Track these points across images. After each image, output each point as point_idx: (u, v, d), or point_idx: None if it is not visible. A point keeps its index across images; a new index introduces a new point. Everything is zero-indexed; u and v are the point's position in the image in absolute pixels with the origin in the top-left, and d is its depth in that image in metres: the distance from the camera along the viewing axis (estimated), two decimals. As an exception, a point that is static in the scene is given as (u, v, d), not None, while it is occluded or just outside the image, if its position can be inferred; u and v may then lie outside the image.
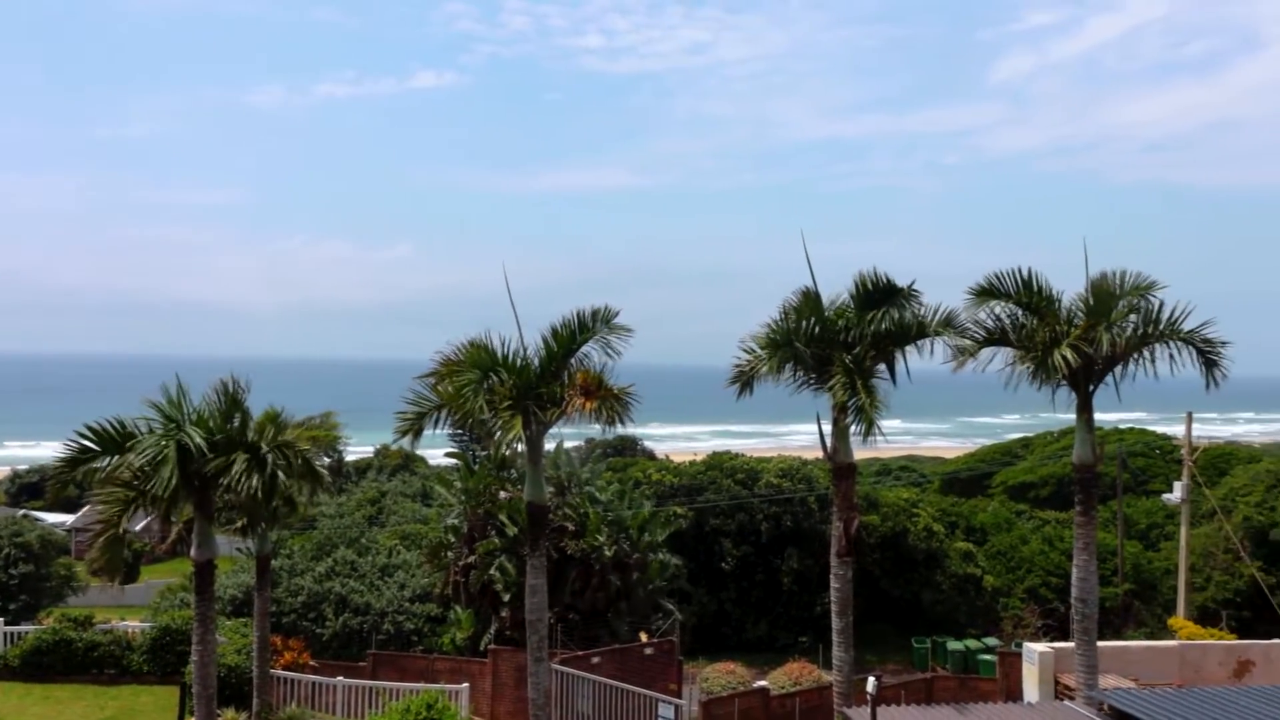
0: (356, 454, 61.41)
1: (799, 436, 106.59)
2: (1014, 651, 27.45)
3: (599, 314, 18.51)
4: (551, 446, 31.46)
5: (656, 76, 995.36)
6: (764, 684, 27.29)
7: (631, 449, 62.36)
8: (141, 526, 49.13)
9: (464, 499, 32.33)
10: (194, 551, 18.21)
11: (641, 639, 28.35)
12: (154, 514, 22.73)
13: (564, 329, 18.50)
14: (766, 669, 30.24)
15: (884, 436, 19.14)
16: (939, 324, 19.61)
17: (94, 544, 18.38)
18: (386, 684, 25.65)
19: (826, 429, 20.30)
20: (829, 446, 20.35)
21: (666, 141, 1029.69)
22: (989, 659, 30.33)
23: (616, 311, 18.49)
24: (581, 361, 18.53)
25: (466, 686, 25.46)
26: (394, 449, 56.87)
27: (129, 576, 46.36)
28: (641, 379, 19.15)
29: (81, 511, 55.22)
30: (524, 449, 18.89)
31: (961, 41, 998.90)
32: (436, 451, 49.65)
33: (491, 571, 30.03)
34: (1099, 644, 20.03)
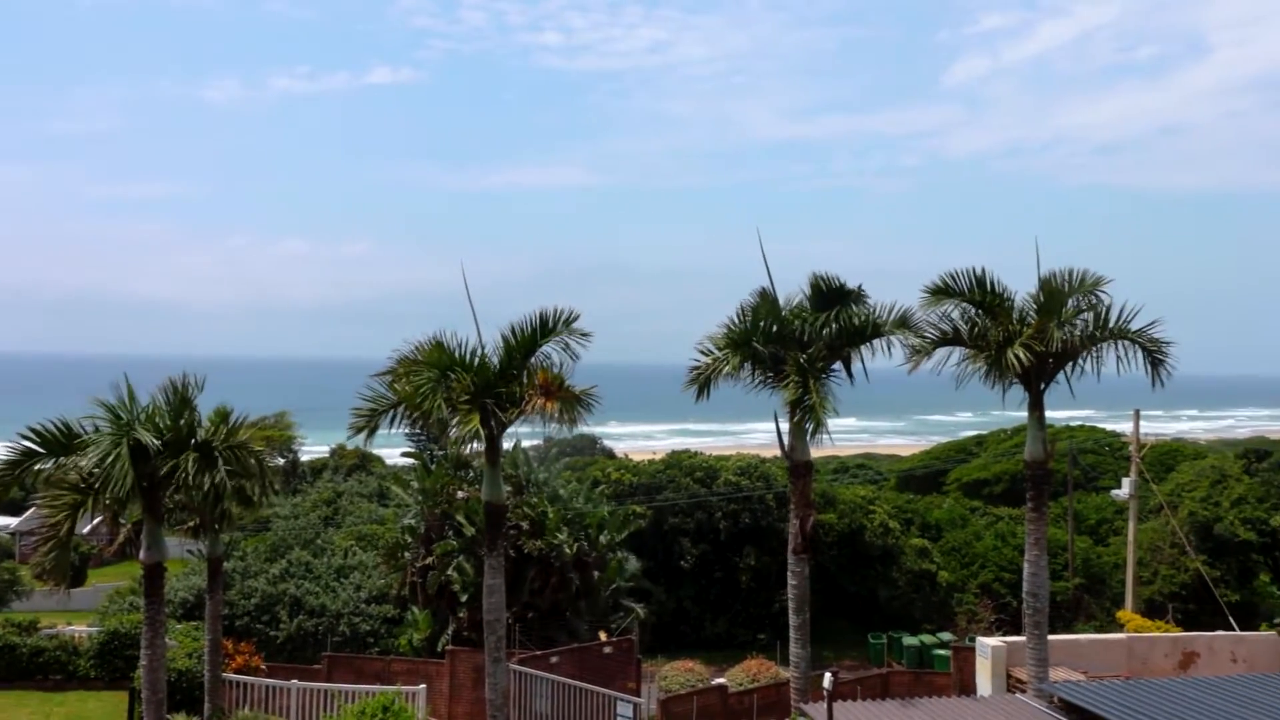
0: (312, 454, 60.62)
1: (757, 435, 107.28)
2: (967, 646, 27.84)
3: (561, 315, 18.46)
4: (509, 446, 31.34)
5: (615, 75, 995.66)
6: (722, 681, 27.41)
7: (590, 448, 62.29)
8: (89, 529, 48.08)
9: (421, 499, 32.08)
10: (143, 554, 17.86)
11: (600, 638, 28.33)
12: (102, 516, 22.30)
13: (524, 329, 18.41)
14: (725, 666, 30.39)
15: (830, 436, 19.40)
16: (894, 324, 19.85)
17: (39, 549, 17.93)
18: (342, 686, 25.35)
19: (784, 427, 20.45)
20: (786, 445, 20.50)
21: (625, 140, 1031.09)
22: (943, 654, 30.73)
23: (579, 314, 18.48)
24: (542, 361, 18.47)
25: (424, 688, 25.25)
26: (350, 449, 56.22)
27: (76, 580, 45.32)
28: (600, 378, 19.13)
29: (26, 514, 53.89)
30: (482, 448, 18.81)
31: (919, 44, 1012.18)
32: (393, 451, 49.20)
33: (449, 572, 29.83)
34: (1050, 637, 20.40)
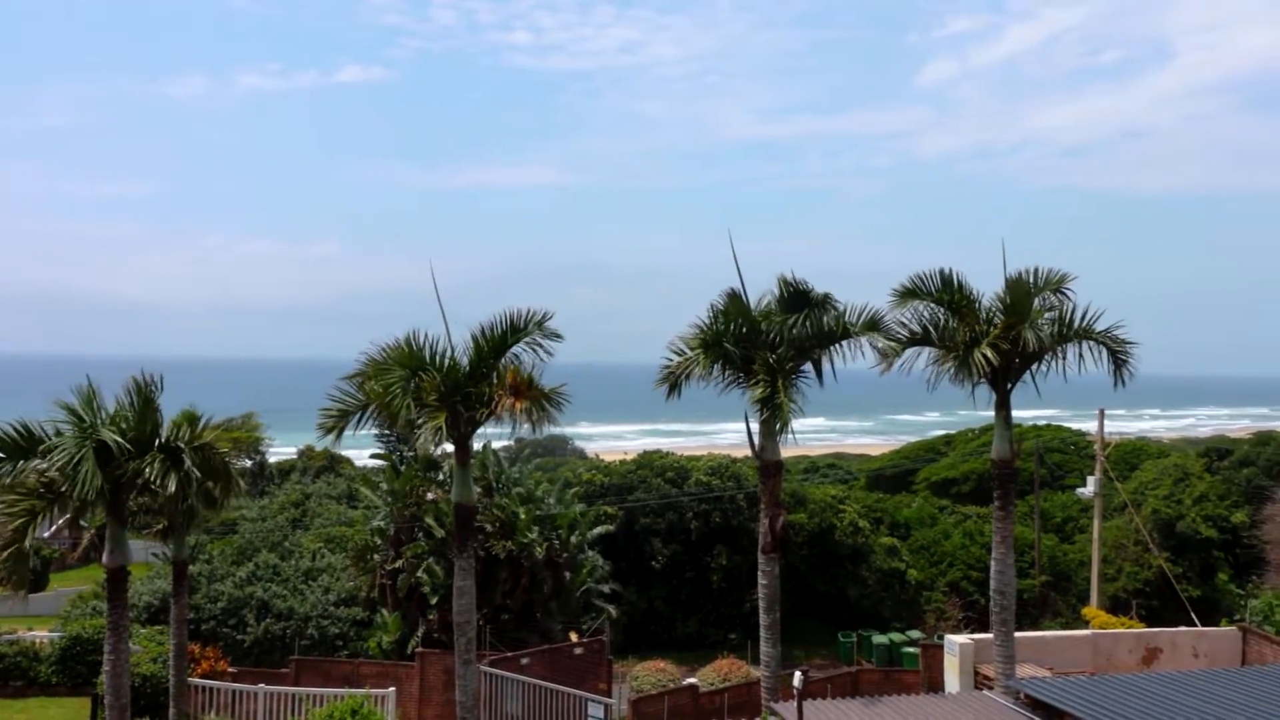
0: (279, 455, 59.99)
1: (728, 435, 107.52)
2: (936, 644, 28.09)
3: (531, 315, 18.42)
4: (479, 447, 31.21)
5: (586, 75, 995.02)
6: (693, 681, 27.48)
7: (562, 448, 62.19)
8: (51, 532, 47.27)
9: (390, 501, 31.85)
10: (106, 557, 17.57)
11: (571, 639, 28.29)
12: (64, 520, 21.92)
13: (495, 329, 18.35)
14: (696, 666, 30.46)
15: (795, 435, 19.55)
16: (863, 326, 20.01)
17: (-2, 553, 17.60)
18: (310, 690, 25.11)
19: (754, 427, 20.53)
20: (756, 444, 20.58)
21: (596, 140, 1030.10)
22: (912, 651, 30.98)
23: (550, 314, 18.46)
24: (512, 361, 18.41)
25: (393, 691, 25.08)
26: (319, 450, 55.71)
27: (37, 585, 44.52)
28: (571, 378, 19.11)
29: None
30: (452, 449, 18.73)
31: (889, 46, 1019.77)
32: (362, 453, 48.77)
33: (419, 574, 29.65)
34: (1017, 634, 20.63)
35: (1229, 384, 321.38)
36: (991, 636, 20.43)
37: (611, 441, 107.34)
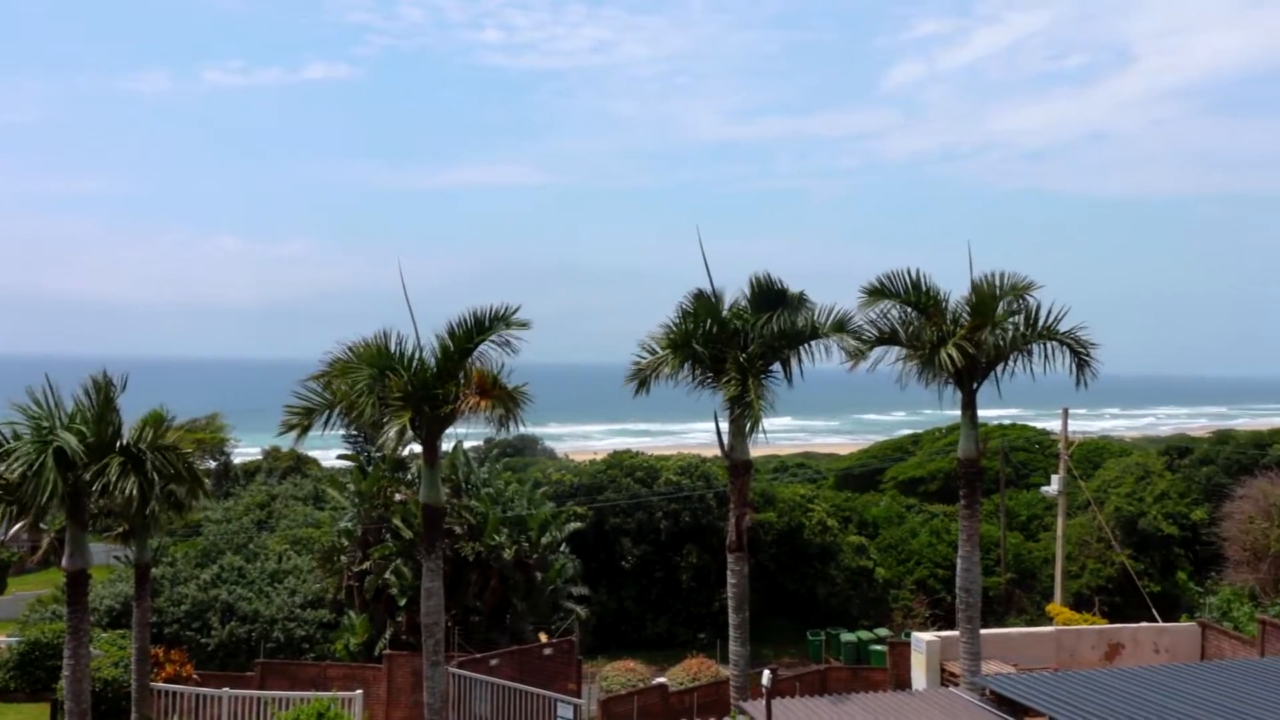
0: (245, 456, 59.24)
1: (697, 434, 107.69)
2: (903, 641, 28.32)
3: (498, 313, 18.32)
4: (449, 447, 31.04)
5: (559, 74, 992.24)
6: (663, 681, 27.51)
7: (531, 449, 61.97)
8: (10, 535, 46.38)
9: (358, 502, 31.61)
10: (66, 561, 17.28)
11: (541, 639, 28.22)
12: (23, 523, 21.50)
13: (461, 328, 18.25)
14: (666, 666, 30.49)
15: (766, 435, 19.64)
16: (831, 326, 20.15)
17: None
18: (275, 694, 24.87)
19: (724, 426, 20.60)
20: (726, 444, 20.65)
21: (569, 140, 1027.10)
22: (880, 649, 31.21)
23: (516, 309, 18.33)
24: (480, 360, 18.32)
25: (360, 693, 24.89)
26: (285, 451, 55.11)
27: (-5, 589, 43.69)
28: (543, 378, 19.08)
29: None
30: (420, 449, 18.61)
31: (858, 48, 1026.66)
32: (329, 453, 48.35)
33: (387, 575, 29.44)
34: (982, 631, 20.86)
35: (1188, 384, 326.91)
36: (958, 634, 20.64)
37: (581, 441, 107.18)
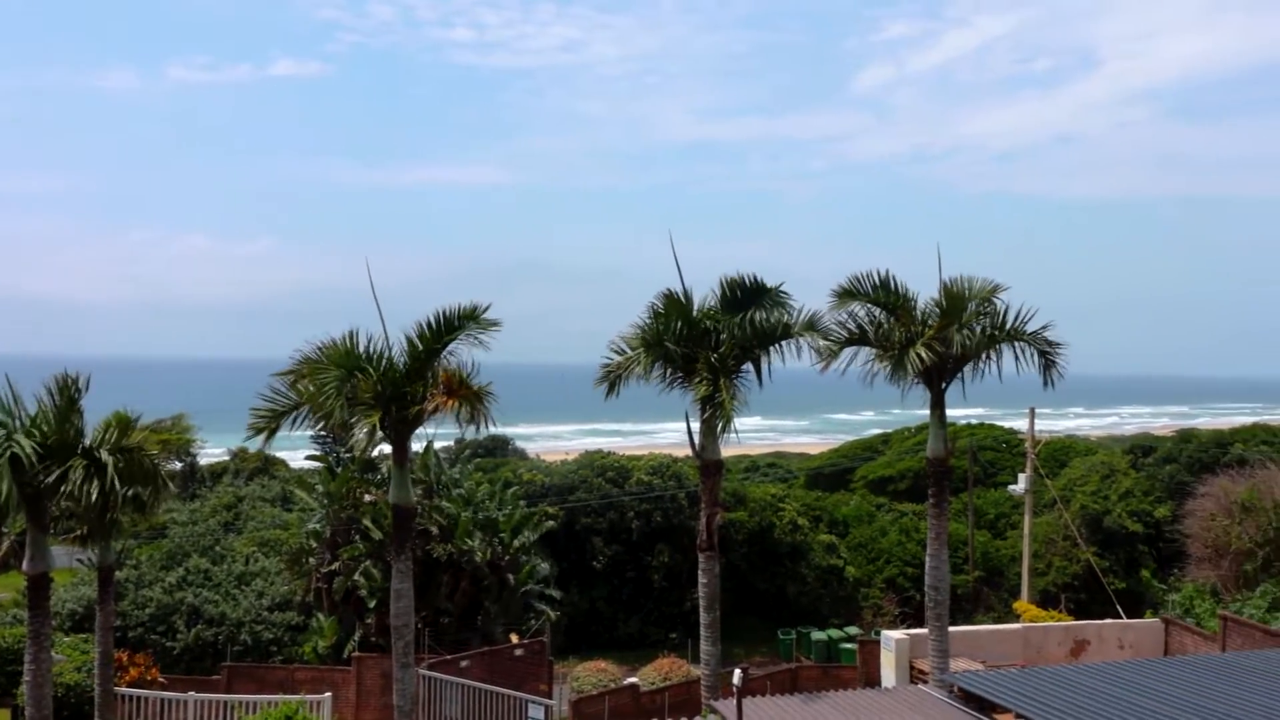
0: (211, 457, 58.56)
1: (669, 434, 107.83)
2: (873, 639, 28.52)
3: (467, 311, 18.22)
4: (420, 448, 30.87)
5: (528, 73, 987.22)
6: (634, 680, 27.52)
7: (503, 449, 61.66)
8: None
9: (326, 503, 31.34)
10: (26, 564, 16.96)
11: (512, 640, 28.12)
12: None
13: (431, 327, 18.13)
14: (637, 666, 30.49)
15: (738, 434, 19.70)
16: (802, 326, 20.24)
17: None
18: (242, 697, 24.60)
19: (695, 426, 20.63)
20: (697, 444, 20.68)
21: (539, 139, 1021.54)
22: (850, 647, 31.41)
23: (486, 307, 18.23)
24: (450, 359, 18.22)
25: (329, 696, 24.67)
26: (252, 452, 54.50)
27: (-46, 593, 42.89)
28: (514, 378, 19.04)
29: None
30: (389, 450, 18.47)
31: (828, 50, 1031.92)
32: (297, 454, 47.92)
33: (356, 577, 29.22)
34: (951, 629, 21.05)
35: (1150, 384, 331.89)
36: (927, 632, 20.81)
37: (554, 442, 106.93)
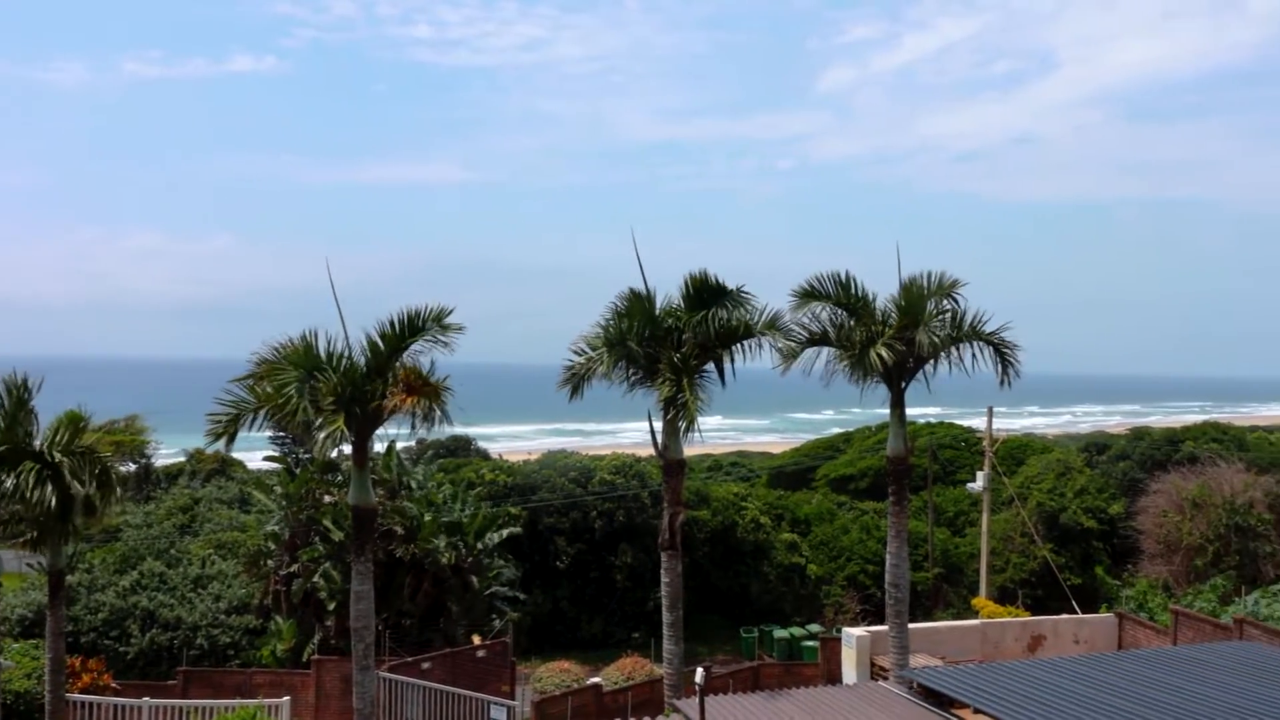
0: (167, 459, 57.60)
1: (631, 434, 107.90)
2: (834, 637, 28.76)
3: (431, 313, 18.11)
4: (383, 449, 30.60)
5: (490, 71, 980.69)
6: (597, 680, 27.48)
7: (464, 449, 61.26)
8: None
9: (285, 504, 30.94)
10: (-26, 569, 16.59)
11: (474, 641, 27.97)
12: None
13: (393, 327, 17.99)
14: (601, 665, 30.46)
15: (701, 433, 19.78)
16: (764, 325, 20.34)
17: None
18: (199, 702, 24.24)
19: (658, 426, 20.65)
20: (660, 443, 20.71)
21: (500, 137, 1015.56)
22: (812, 645, 31.62)
23: (450, 310, 18.16)
24: (413, 359, 18.09)
25: (288, 700, 24.39)
26: (209, 454, 53.65)
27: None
28: (476, 378, 18.92)
29: None
30: (349, 451, 18.28)
31: (791, 51, 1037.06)
32: (255, 455, 47.23)
33: (315, 579, 28.87)
34: (911, 626, 21.30)
35: (1102, 383, 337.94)
36: (887, 628, 21.02)
37: (517, 442, 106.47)
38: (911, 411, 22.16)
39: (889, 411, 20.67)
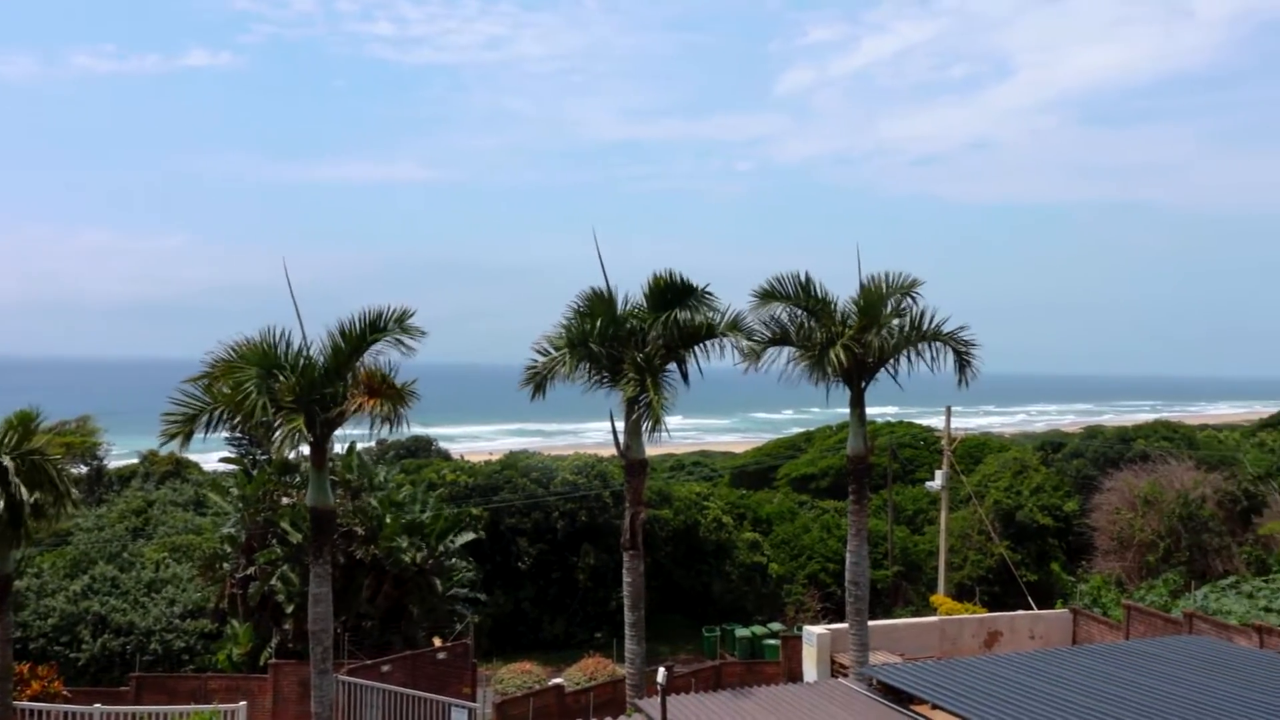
0: (120, 461, 56.46)
1: (593, 434, 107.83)
2: (796, 635, 28.92)
3: (394, 315, 17.97)
4: (343, 449, 30.29)
5: (451, 70, 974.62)
6: (559, 681, 27.39)
7: (425, 449, 60.80)
8: None
9: (241, 506, 30.49)
10: (-82, 575, 16.15)
11: (435, 644, 27.76)
12: None
13: (354, 327, 17.81)
14: (563, 666, 30.38)
15: (669, 433, 19.83)
16: (727, 325, 20.42)
17: None
18: (152, 709, 23.80)
19: (620, 426, 20.65)
20: (622, 443, 20.71)
21: (461, 136, 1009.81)
22: (773, 643, 31.80)
23: (412, 312, 18.05)
24: (373, 360, 17.92)
25: (244, 705, 24.03)
26: (163, 455, 52.67)
27: None
28: (436, 379, 18.82)
29: None
30: (308, 451, 18.06)
31: (753, 52, 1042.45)
32: (210, 456, 46.46)
33: (273, 582, 28.48)
34: (870, 623, 21.51)
35: (1057, 382, 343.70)
36: (847, 626, 21.20)
37: (478, 442, 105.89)
38: (871, 411, 22.40)
39: (849, 411, 20.85)
